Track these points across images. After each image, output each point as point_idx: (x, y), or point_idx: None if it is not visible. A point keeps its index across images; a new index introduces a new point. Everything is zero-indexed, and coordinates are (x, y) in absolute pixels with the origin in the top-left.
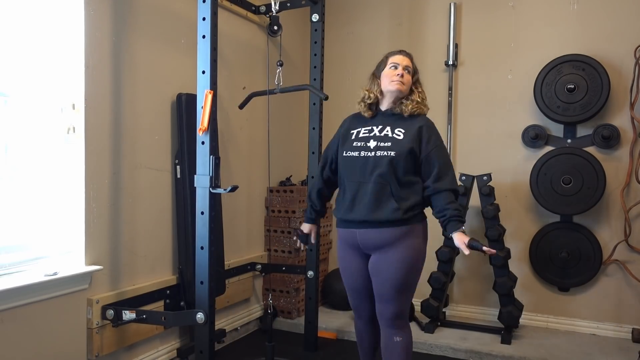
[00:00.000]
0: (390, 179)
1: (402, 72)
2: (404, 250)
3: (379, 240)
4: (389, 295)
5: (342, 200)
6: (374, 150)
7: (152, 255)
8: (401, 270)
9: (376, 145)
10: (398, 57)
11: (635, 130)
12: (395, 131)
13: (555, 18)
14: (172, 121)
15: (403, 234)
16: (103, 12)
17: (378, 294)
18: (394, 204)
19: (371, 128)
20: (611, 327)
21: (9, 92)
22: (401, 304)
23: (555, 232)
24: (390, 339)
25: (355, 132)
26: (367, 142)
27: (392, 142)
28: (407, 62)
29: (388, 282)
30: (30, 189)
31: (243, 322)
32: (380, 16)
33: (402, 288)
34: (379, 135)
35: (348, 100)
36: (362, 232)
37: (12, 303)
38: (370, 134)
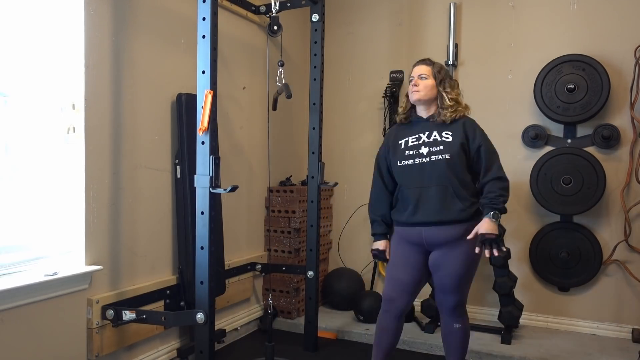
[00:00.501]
0: (451, 181)
1: (416, 82)
2: (465, 246)
3: (445, 238)
4: (452, 286)
5: (404, 205)
6: (427, 156)
7: (152, 255)
8: (465, 263)
9: (429, 151)
10: (414, 69)
11: (635, 130)
12: (443, 135)
13: (555, 18)
14: (172, 121)
15: (465, 231)
16: (103, 12)
17: (441, 286)
18: (459, 204)
19: (418, 136)
20: (611, 327)
21: (9, 92)
22: (463, 294)
23: (555, 232)
24: (451, 326)
25: (404, 142)
26: (419, 149)
27: (444, 145)
28: (421, 71)
29: (452, 275)
30: (30, 189)
31: (243, 322)
32: (380, 16)
33: (464, 279)
34: (428, 140)
35: (348, 100)
36: (429, 230)
37: (12, 303)
38: (419, 141)
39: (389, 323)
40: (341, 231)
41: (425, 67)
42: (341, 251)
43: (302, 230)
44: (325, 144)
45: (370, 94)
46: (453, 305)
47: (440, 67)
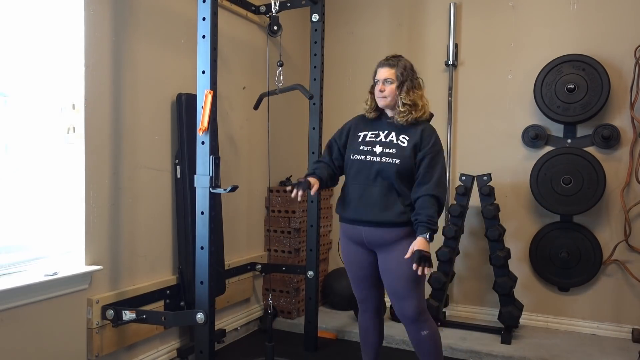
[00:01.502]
0: (396, 184)
1: (382, 88)
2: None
3: (385, 239)
4: (405, 291)
5: (347, 200)
6: (379, 156)
7: (152, 255)
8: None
9: (382, 151)
10: (379, 71)
11: (635, 130)
12: (400, 137)
13: (555, 18)
14: (172, 121)
15: (406, 234)
16: (103, 12)
17: (394, 293)
18: (400, 207)
19: (377, 133)
20: (611, 327)
21: (9, 92)
22: (418, 298)
23: (555, 232)
24: (417, 334)
25: (362, 135)
26: (374, 147)
27: (397, 149)
28: (386, 74)
29: (401, 277)
30: (30, 189)
31: (243, 322)
32: (380, 16)
33: (414, 282)
34: (384, 141)
35: (348, 100)
36: (368, 230)
37: (12, 303)
38: (376, 139)
39: (368, 321)
40: None
41: (389, 69)
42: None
43: (302, 230)
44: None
45: None
46: (413, 312)
47: (404, 67)
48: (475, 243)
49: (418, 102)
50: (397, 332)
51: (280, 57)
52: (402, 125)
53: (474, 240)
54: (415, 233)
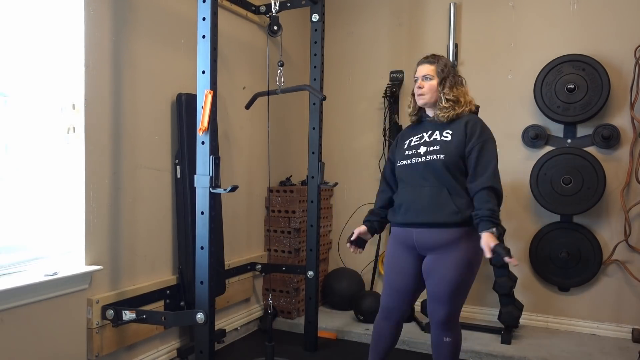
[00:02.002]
0: (446, 182)
1: (421, 84)
2: (460, 251)
3: (437, 241)
4: (443, 296)
5: (398, 204)
6: (424, 156)
7: (152, 255)
8: (457, 271)
9: (426, 150)
10: (419, 68)
11: (635, 130)
12: (443, 134)
13: (555, 18)
14: (172, 121)
15: (461, 236)
16: (103, 12)
17: (432, 295)
18: (453, 206)
19: (422, 135)
20: (611, 327)
21: (9, 92)
22: (454, 305)
23: (555, 232)
24: (440, 339)
25: (407, 142)
26: (418, 149)
27: (441, 144)
28: (425, 71)
29: (443, 282)
30: (30, 189)
31: (243, 322)
32: (380, 16)
33: (456, 289)
34: (428, 140)
35: (348, 100)
36: (420, 231)
37: (12, 303)
38: (421, 141)
39: (386, 330)
40: (341, 231)
41: (429, 66)
42: (341, 251)
43: (302, 230)
44: (325, 144)
45: (371, 94)
46: (442, 317)
47: (445, 64)
48: None
49: (461, 99)
50: None
51: (281, 57)
52: (445, 122)
53: None
54: (478, 230)
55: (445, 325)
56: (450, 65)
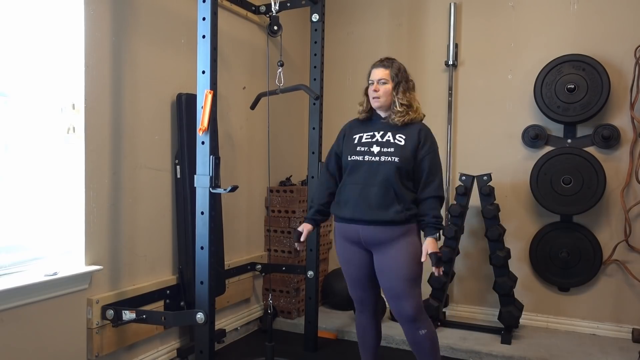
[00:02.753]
0: (394, 184)
1: (376, 88)
2: (405, 246)
3: (382, 238)
4: (402, 290)
5: (344, 199)
6: (377, 155)
7: (152, 255)
8: (407, 263)
9: (380, 151)
10: (374, 71)
11: (635, 130)
12: (396, 137)
13: (555, 18)
14: (172, 121)
15: (403, 232)
16: (103, 12)
17: (391, 292)
18: (397, 206)
19: (373, 133)
20: (611, 327)
21: (9, 92)
22: (416, 297)
23: (555, 232)
24: (415, 334)
25: (358, 137)
26: (370, 147)
27: (395, 147)
28: (381, 75)
29: (398, 276)
30: (30, 189)
31: (243, 322)
32: (380, 16)
33: (412, 281)
34: (381, 140)
35: (348, 100)
36: (366, 229)
37: (12, 303)
38: (372, 139)
39: (365, 321)
40: None
41: (384, 70)
42: None
43: None
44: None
45: None
46: (411, 312)
47: (398, 69)
48: (475, 243)
49: (413, 104)
50: (398, 332)
51: (281, 57)
52: (397, 125)
53: (474, 240)
54: (424, 234)
55: (415, 318)
56: (403, 70)
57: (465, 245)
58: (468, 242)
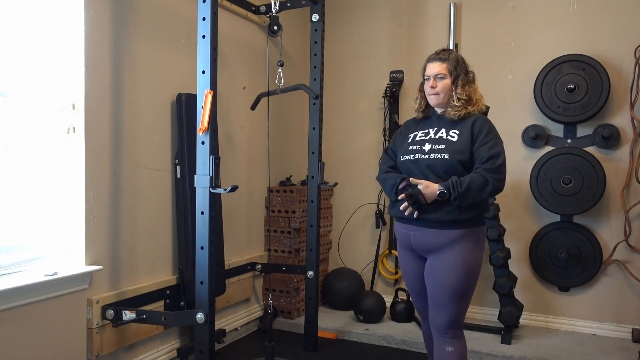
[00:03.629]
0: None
1: (434, 84)
2: (459, 253)
3: (434, 243)
4: (443, 302)
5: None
6: (428, 153)
7: (152, 255)
8: (456, 274)
9: (430, 148)
10: (429, 66)
11: (635, 130)
12: (450, 133)
13: (555, 18)
14: (172, 121)
15: (459, 237)
16: (103, 12)
17: (432, 300)
18: (448, 206)
19: (427, 131)
20: (611, 327)
21: (9, 92)
22: (456, 311)
23: (555, 232)
24: (442, 349)
25: (412, 136)
26: (423, 145)
27: (446, 144)
28: (437, 69)
29: (443, 286)
30: (30, 189)
31: (243, 322)
32: (380, 16)
33: (457, 294)
34: (434, 137)
35: (348, 100)
36: (417, 233)
37: (12, 303)
38: (426, 137)
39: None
40: (341, 231)
41: (441, 64)
42: (341, 251)
43: (302, 230)
44: (325, 144)
45: (370, 94)
46: (444, 324)
47: (457, 61)
48: None
49: (473, 97)
50: (397, 332)
51: (281, 57)
52: (453, 120)
53: None
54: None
55: (446, 333)
56: (462, 61)
57: None
58: None
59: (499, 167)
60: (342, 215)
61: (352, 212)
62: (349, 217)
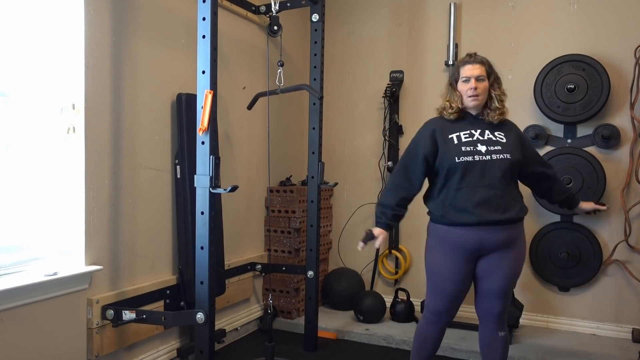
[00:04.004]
0: (510, 181)
1: (474, 85)
2: (523, 244)
3: (506, 238)
4: (506, 290)
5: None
6: (487, 154)
7: (152, 255)
8: (518, 266)
9: (487, 149)
10: (468, 67)
11: (635, 130)
12: (496, 134)
13: (555, 18)
14: (172, 121)
15: (520, 231)
16: (103, 12)
17: (490, 291)
18: (520, 202)
19: (470, 132)
20: (611, 327)
21: (9, 92)
22: (509, 299)
23: (555, 232)
24: (495, 334)
25: (456, 137)
26: (476, 146)
27: (501, 145)
28: (478, 72)
29: (505, 278)
30: (30, 189)
31: (243, 322)
32: (380, 16)
33: (514, 283)
34: (482, 139)
35: (348, 100)
36: (488, 232)
37: (12, 303)
38: (473, 138)
39: (433, 334)
40: (341, 231)
41: (481, 66)
42: (341, 251)
43: (302, 230)
44: (325, 144)
45: (370, 94)
46: (499, 312)
47: (491, 64)
48: None
49: (504, 99)
50: (397, 332)
51: (281, 57)
52: (492, 123)
53: None
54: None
55: (500, 319)
56: (492, 63)
57: None
58: None
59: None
60: (342, 215)
61: (352, 212)
62: (349, 217)
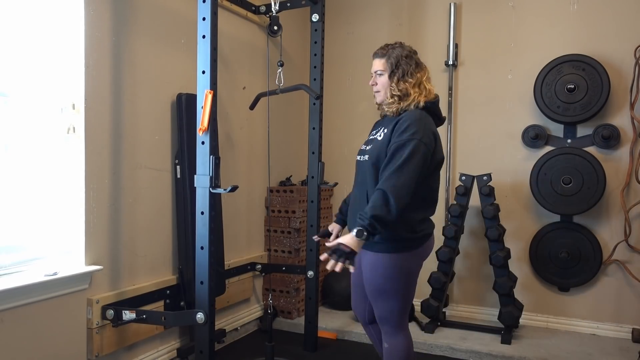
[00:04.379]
0: (369, 185)
1: (374, 82)
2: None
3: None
4: (370, 297)
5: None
6: (360, 155)
7: (152, 255)
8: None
9: (365, 149)
10: (373, 63)
11: (635, 130)
12: (382, 132)
13: (555, 18)
14: (172, 121)
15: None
16: (103, 12)
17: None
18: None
19: (377, 130)
20: (611, 327)
21: (9, 92)
22: (381, 308)
23: (555, 232)
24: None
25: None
26: (367, 145)
27: (373, 144)
28: (377, 66)
29: (367, 282)
30: (30, 189)
31: (243, 322)
32: (380, 16)
33: (377, 292)
34: (370, 138)
35: (348, 100)
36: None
37: (12, 303)
38: (371, 137)
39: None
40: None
41: (380, 60)
42: None
43: (302, 230)
44: (325, 144)
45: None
46: (378, 320)
47: (396, 56)
48: (475, 243)
49: (410, 91)
50: None
51: (281, 57)
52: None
53: (474, 240)
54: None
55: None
56: (403, 55)
57: (465, 245)
58: (468, 242)
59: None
60: None
61: None
62: None
